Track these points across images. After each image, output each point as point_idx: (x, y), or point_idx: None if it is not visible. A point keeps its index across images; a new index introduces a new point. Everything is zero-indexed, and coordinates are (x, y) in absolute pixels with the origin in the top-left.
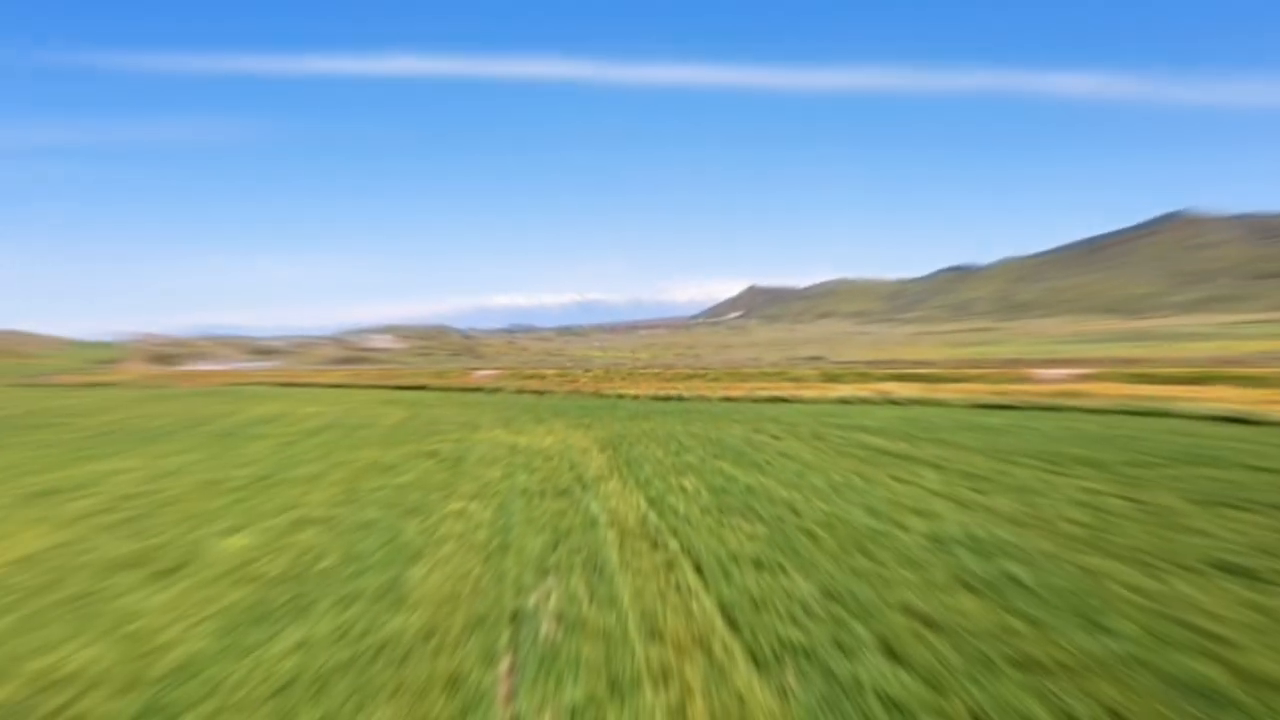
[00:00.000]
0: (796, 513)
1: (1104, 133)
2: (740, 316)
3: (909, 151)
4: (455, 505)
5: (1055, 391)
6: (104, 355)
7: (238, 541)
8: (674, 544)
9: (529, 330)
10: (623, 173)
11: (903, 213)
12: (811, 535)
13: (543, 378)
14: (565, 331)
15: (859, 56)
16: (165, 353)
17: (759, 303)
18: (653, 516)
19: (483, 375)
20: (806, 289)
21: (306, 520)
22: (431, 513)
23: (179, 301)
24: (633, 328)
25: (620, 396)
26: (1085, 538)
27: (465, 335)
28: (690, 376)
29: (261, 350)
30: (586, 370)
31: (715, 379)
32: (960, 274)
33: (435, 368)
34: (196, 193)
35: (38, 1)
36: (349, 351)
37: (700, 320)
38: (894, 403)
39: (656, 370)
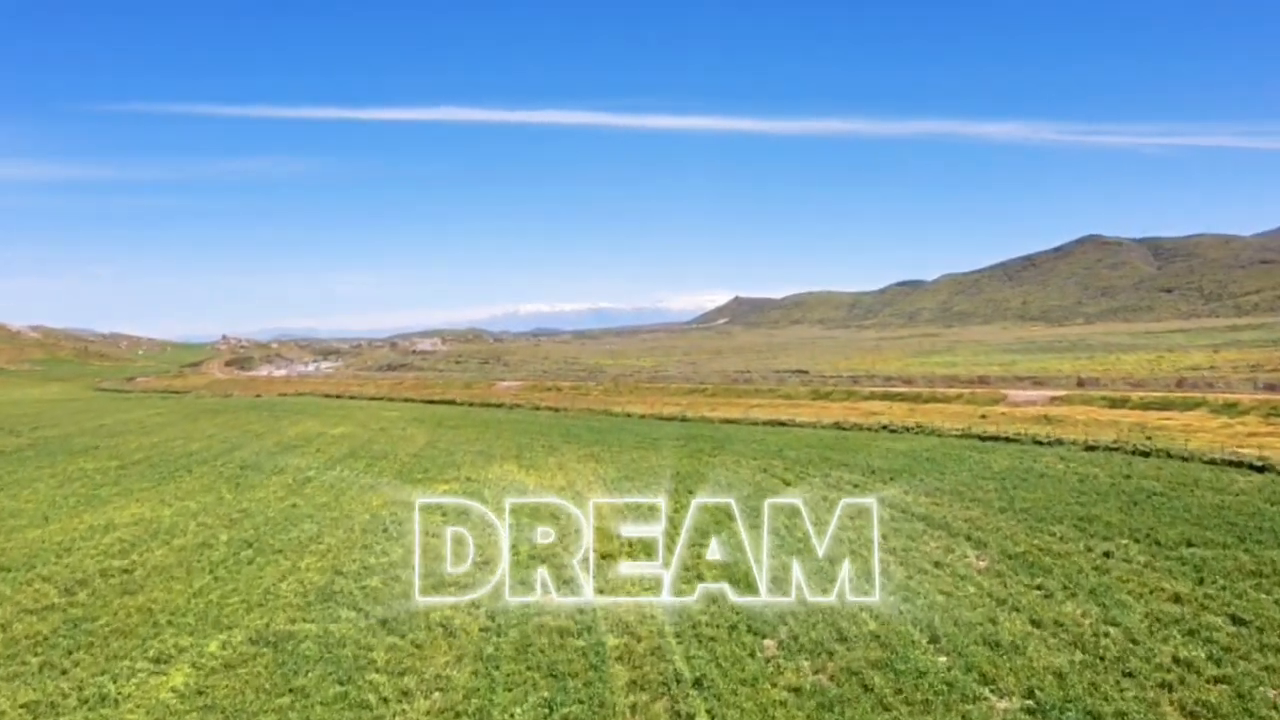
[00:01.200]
0: (845, 639)
1: (1027, 169)
2: (727, 323)
3: (863, 185)
4: (446, 597)
5: (1035, 416)
6: (194, 357)
7: (159, 691)
8: (686, 672)
9: (551, 334)
10: (629, 202)
11: (858, 236)
12: (873, 691)
13: (559, 390)
14: (581, 335)
15: (821, 109)
16: (244, 355)
17: (742, 311)
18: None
19: (505, 387)
20: (781, 300)
21: (263, 638)
22: (413, 624)
23: (261, 309)
24: (636, 332)
25: (628, 415)
26: (1236, 716)
27: (496, 339)
28: (690, 391)
29: (329, 351)
30: (598, 384)
31: (713, 394)
32: (909, 288)
33: (465, 377)
34: (276, 219)
35: (138, 60)
36: (400, 355)
37: (694, 326)
38: (889, 430)
39: (660, 385)
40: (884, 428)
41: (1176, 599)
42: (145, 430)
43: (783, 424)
